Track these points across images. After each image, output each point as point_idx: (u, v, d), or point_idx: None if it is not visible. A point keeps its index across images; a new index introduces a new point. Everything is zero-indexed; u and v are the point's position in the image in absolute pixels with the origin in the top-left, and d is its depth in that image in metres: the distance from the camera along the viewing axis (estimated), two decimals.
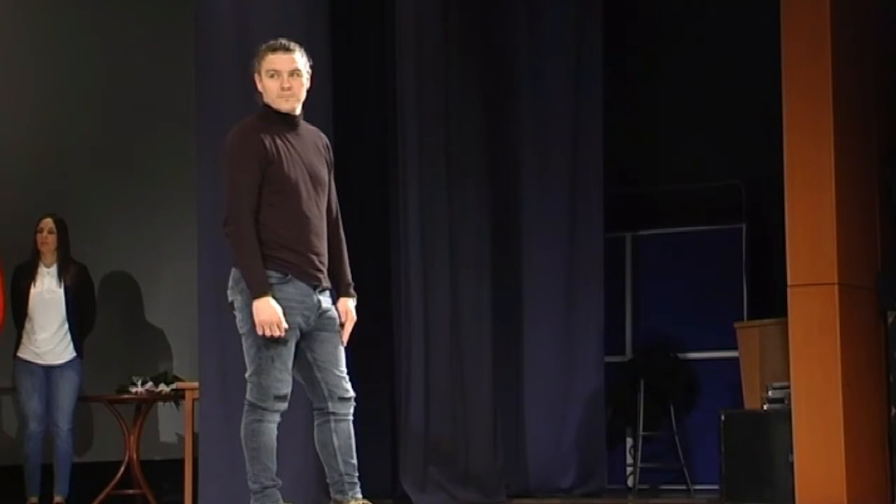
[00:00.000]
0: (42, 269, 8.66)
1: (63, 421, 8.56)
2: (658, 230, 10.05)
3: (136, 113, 9.78)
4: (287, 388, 5.65)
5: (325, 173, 5.83)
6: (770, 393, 8.17)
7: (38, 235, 8.67)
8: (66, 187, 9.44)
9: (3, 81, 9.16)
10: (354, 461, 5.76)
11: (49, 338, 8.58)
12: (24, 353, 8.58)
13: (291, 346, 5.65)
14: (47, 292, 8.61)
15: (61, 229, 8.69)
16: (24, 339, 8.58)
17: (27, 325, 8.58)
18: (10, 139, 9.18)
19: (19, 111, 9.28)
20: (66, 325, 8.61)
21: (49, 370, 8.58)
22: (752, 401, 8.51)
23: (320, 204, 5.77)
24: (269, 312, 5.53)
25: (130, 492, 9.05)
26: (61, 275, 8.65)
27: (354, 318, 5.88)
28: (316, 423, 5.76)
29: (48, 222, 8.67)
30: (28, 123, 9.33)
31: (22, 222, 8.77)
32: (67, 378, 8.58)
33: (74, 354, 8.62)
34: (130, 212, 9.72)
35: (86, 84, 9.62)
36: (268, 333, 5.54)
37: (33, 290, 8.59)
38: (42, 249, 8.66)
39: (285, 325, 5.56)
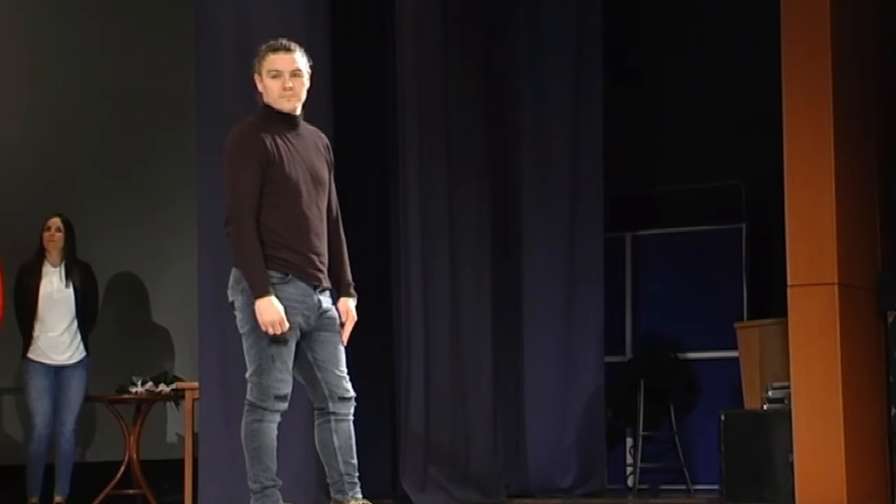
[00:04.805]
0: (48, 269, 8.62)
1: (70, 420, 8.55)
2: (658, 230, 10.05)
3: (138, 113, 9.78)
4: (287, 388, 5.65)
5: (325, 173, 5.83)
6: (770, 393, 8.17)
7: (46, 234, 8.63)
8: (68, 187, 9.43)
9: (4, 82, 9.16)
10: (355, 461, 5.76)
11: (58, 337, 8.55)
12: (33, 354, 8.53)
13: (292, 345, 5.65)
14: (56, 292, 8.58)
15: (68, 228, 8.68)
16: (34, 340, 8.57)
17: (36, 326, 8.56)
18: (12, 139, 9.18)
19: (21, 111, 9.27)
20: (76, 325, 8.61)
21: (59, 370, 8.55)
22: (752, 401, 8.51)
23: (321, 204, 5.77)
24: (271, 312, 5.53)
25: (130, 492, 9.04)
26: (69, 274, 8.63)
27: (355, 317, 5.88)
28: (316, 422, 5.76)
29: (56, 221, 8.65)
30: (30, 124, 9.32)
31: (23, 222, 8.77)
32: (78, 377, 8.57)
33: (85, 354, 8.62)
34: (131, 212, 9.72)
35: (87, 84, 9.62)
36: (271, 332, 5.54)
37: (42, 291, 8.58)
38: (48, 248, 8.63)
39: (287, 325, 5.57)
